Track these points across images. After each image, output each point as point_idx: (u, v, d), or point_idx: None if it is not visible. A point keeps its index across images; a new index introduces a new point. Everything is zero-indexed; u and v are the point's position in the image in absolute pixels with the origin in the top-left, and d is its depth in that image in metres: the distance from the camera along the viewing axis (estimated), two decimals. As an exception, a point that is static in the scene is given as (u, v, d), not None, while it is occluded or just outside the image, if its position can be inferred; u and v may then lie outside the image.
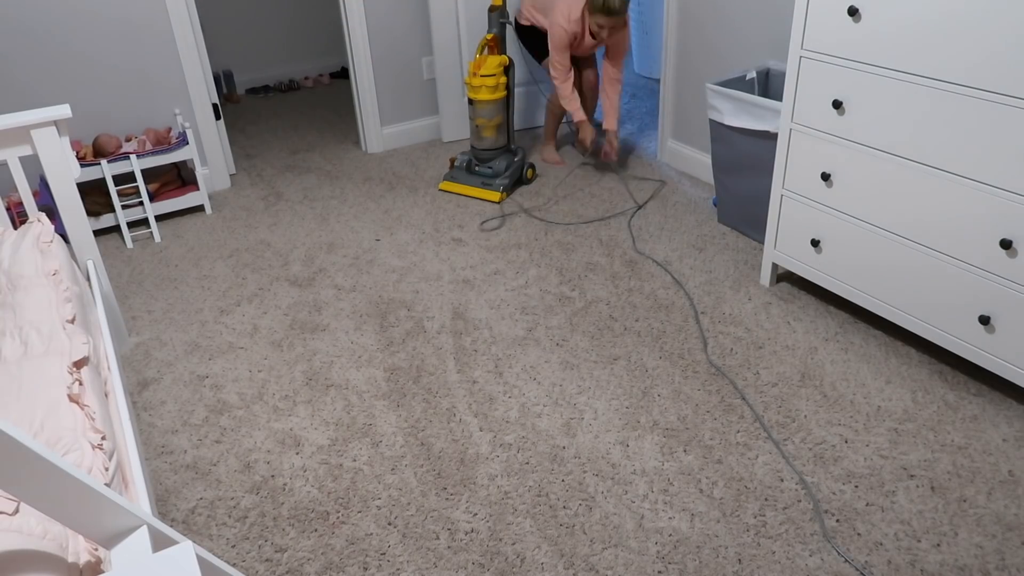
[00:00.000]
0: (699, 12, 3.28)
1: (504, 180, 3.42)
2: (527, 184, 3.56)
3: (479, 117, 3.42)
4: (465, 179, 3.50)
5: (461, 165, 3.53)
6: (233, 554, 1.74)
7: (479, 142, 3.48)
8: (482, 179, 3.46)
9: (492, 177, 3.45)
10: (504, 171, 3.44)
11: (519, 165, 3.51)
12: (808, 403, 2.10)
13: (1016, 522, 1.71)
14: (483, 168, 3.47)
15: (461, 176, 3.52)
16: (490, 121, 3.42)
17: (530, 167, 3.56)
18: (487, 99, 3.38)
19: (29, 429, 1.33)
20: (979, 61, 1.80)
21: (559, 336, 2.45)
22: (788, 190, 2.43)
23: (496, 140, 3.47)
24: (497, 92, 3.39)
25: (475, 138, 3.50)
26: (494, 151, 3.48)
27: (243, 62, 5.27)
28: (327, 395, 2.24)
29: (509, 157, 3.50)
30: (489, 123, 3.43)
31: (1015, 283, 1.88)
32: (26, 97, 3.16)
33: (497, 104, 3.41)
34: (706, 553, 1.68)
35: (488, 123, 3.43)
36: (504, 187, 3.41)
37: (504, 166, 3.45)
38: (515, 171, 3.48)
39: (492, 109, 3.41)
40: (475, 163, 3.49)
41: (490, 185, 3.43)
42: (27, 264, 1.91)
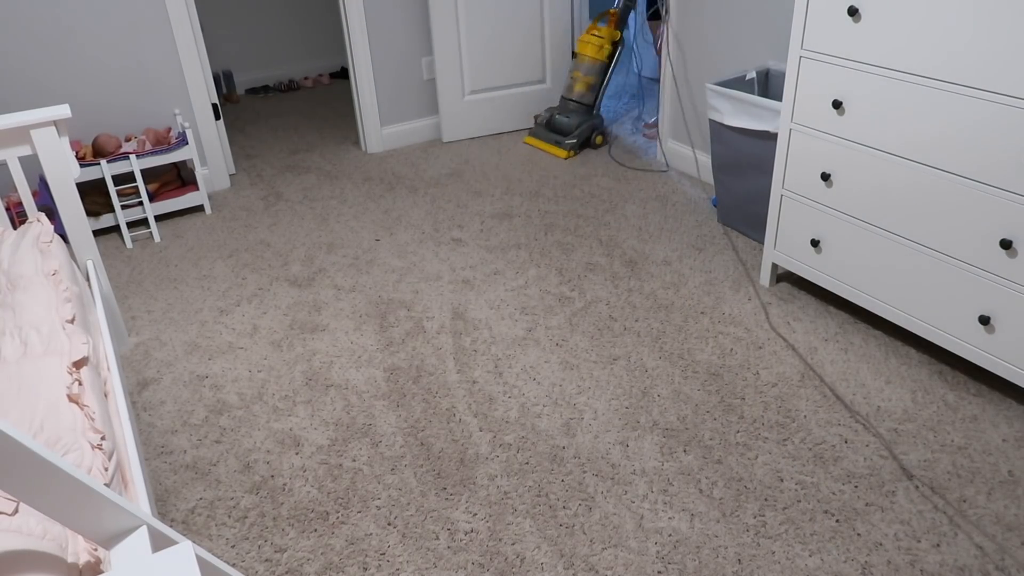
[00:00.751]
0: (699, 12, 3.28)
1: (573, 140, 3.77)
2: (594, 149, 3.89)
3: (576, 70, 3.80)
4: (543, 135, 3.91)
5: (542, 122, 3.91)
6: (233, 554, 1.74)
7: (568, 92, 3.84)
8: (555, 136, 3.82)
9: (564, 135, 3.80)
10: (575, 130, 3.77)
11: (590, 128, 3.81)
12: (808, 403, 2.10)
13: (1016, 522, 1.71)
14: (560, 118, 3.80)
15: (541, 132, 3.92)
16: (584, 77, 3.78)
17: (600, 134, 3.86)
18: (589, 55, 3.74)
19: (29, 429, 1.33)
20: (979, 61, 1.80)
21: (559, 336, 2.45)
22: (788, 190, 2.44)
23: (582, 96, 3.81)
24: (600, 52, 3.74)
25: (566, 89, 3.86)
26: (577, 105, 3.83)
27: (243, 62, 5.27)
28: (327, 395, 2.24)
29: (586, 117, 3.81)
30: (583, 78, 3.79)
31: (1015, 283, 1.88)
32: (26, 97, 3.16)
33: (596, 64, 3.76)
34: (706, 553, 1.68)
35: (582, 78, 3.79)
36: (572, 147, 3.77)
37: (577, 123, 3.77)
38: (584, 132, 3.80)
39: (589, 66, 3.76)
40: (556, 112, 3.84)
41: (560, 143, 3.81)
42: (27, 264, 1.91)
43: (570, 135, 3.76)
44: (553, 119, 3.86)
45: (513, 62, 4.05)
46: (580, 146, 3.81)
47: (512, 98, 4.15)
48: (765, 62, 3.00)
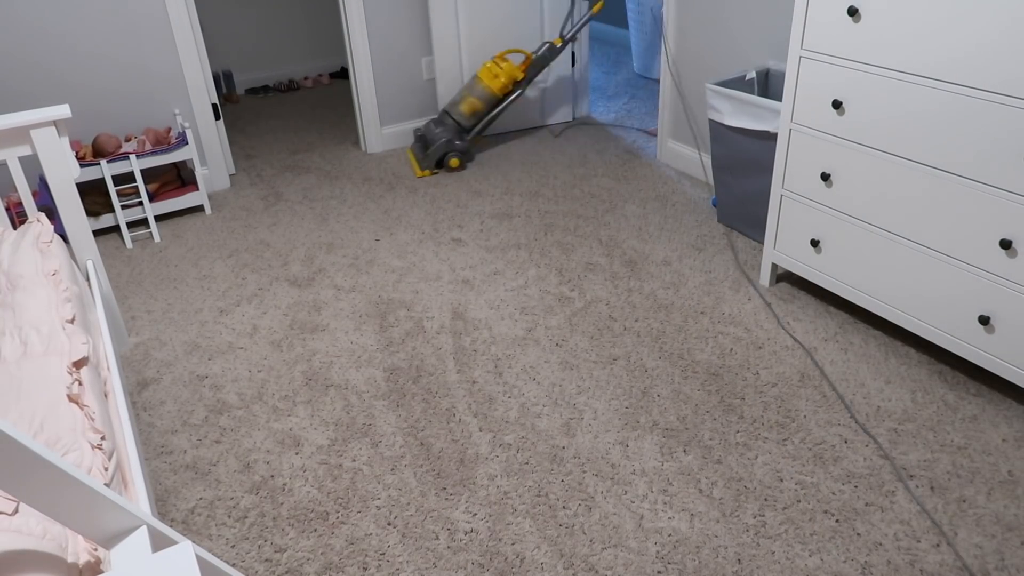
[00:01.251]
0: (699, 12, 3.28)
1: (428, 160, 3.70)
2: (449, 171, 3.75)
3: (468, 90, 3.70)
4: (415, 148, 3.90)
5: (419, 134, 3.88)
6: (232, 554, 1.74)
7: (451, 106, 3.73)
8: (420, 153, 3.78)
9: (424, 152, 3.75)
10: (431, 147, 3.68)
11: (446, 147, 3.68)
12: (808, 403, 2.10)
13: (1016, 522, 1.71)
14: (432, 129, 3.72)
15: (415, 144, 3.91)
16: (473, 100, 3.68)
17: (455, 157, 3.70)
18: (485, 82, 3.65)
19: (28, 429, 1.33)
20: (979, 61, 1.80)
21: (559, 336, 2.45)
22: (788, 190, 2.44)
23: (463, 117, 3.71)
24: (495, 82, 3.64)
25: (451, 103, 3.74)
26: (454, 123, 3.72)
27: (243, 62, 5.27)
28: (327, 395, 2.24)
29: (452, 137, 3.68)
30: (471, 100, 3.68)
31: (1015, 283, 1.88)
32: (25, 97, 3.16)
33: (488, 94, 3.66)
34: (705, 553, 1.68)
35: (470, 99, 3.68)
36: (427, 166, 3.70)
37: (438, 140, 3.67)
38: (439, 151, 3.68)
39: (482, 92, 3.66)
40: (432, 122, 3.76)
41: (420, 161, 3.75)
42: (27, 264, 1.91)
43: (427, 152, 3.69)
44: (427, 128, 3.77)
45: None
46: (437, 164, 3.71)
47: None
48: (765, 62, 3.00)
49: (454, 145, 3.67)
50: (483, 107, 3.68)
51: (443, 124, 3.71)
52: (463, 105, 3.67)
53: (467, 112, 3.67)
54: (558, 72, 4.18)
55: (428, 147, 3.71)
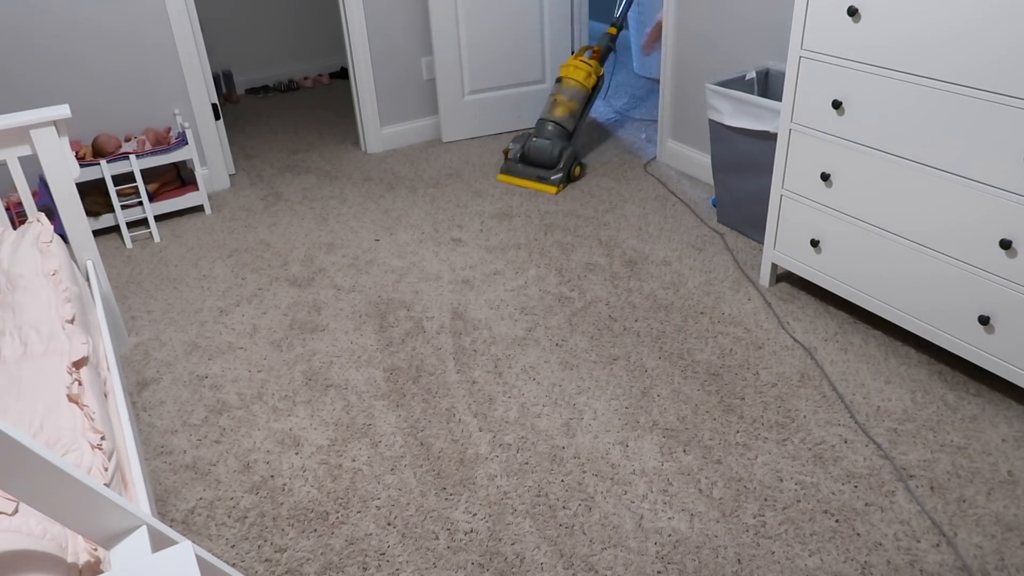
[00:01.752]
0: (699, 12, 3.28)
1: (558, 175, 3.53)
2: (574, 181, 3.61)
3: (559, 94, 3.66)
4: (520, 172, 3.62)
5: (515, 157, 3.63)
6: (232, 554, 1.74)
7: (547, 114, 3.65)
8: (537, 171, 3.56)
9: (547, 166, 3.56)
10: (559, 159, 3.53)
11: (572, 156, 3.56)
12: (807, 403, 2.10)
13: (1015, 522, 1.71)
14: (540, 142, 3.55)
15: (516, 169, 3.63)
16: (567, 102, 3.65)
17: (579, 164, 3.63)
18: (577, 80, 3.65)
19: (28, 429, 1.33)
20: (979, 61, 1.80)
21: (558, 336, 2.45)
22: (788, 190, 2.44)
23: (563, 119, 3.64)
24: (588, 80, 3.66)
25: (546, 111, 3.67)
26: (556, 127, 3.62)
27: (243, 62, 5.27)
28: (326, 395, 2.24)
29: (566, 143, 3.58)
30: (566, 103, 3.65)
31: (1015, 283, 1.88)
32: (25, 97, 3.16)
33: (580, 91, 3.66)
34: (705, 553, 1.68)
35: (565, 102, 3.65)
36: (559, 181, 3.51)
37: (559, 150, 3.53)
38: (568, 160, 3.55)
39: (574, 92, 3.65)
40: (532, 136, 3.60)
41: (545, 179, 3.54)
42: (26, 264, 1.91)
43: (555, 167, 3.52)
44: (530, 144, 3.57)
45: (513, 62, 4.05)
46: (567, 179, 3.55)
47: (512, 98, 4.15)
48: (765, 62, 3.00)
49: (575, 152, 3.59)
50: (577, 105, 3.67)
51: (547, 135, 3.59)
52: (558, 110, 3.63)
53: (565, 115, 3.64)
54: (557, 72, 4.18)
55: (549, 164, 3.53)
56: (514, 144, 3.65)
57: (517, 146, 3.64)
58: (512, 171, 3.62)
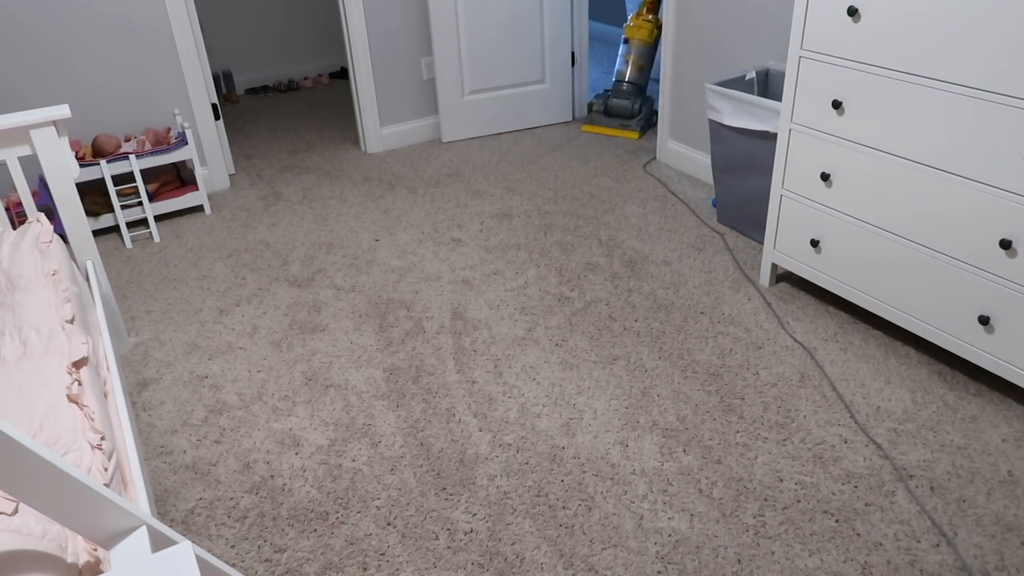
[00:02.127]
0: (699, 12, 3.28)
1: (640, 121, 4.03)
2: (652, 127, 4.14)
3: (628, 54, 4.07)
4: (604, 121, 4.11)
5: (599, 109, 4.11)
6: (232, 554, 1.74)
7: (621, 76, 4.09)
8: (619, 121, 4.06)
9: (627, 117, 4.05)
10: (640, 109, 4.03)
11: (650, 108, 4.10)
12: (807, 403, 2.10)
13: (1015, 522, 1.71)
14: (619, 101, 4.04)
15: (599, 119, 4.12)
16: (636, 60, 4.05)
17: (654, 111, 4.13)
18: (640, 39, 4.02)
19: (28, 429, 1.33)
20: (979, 61, 1.80)
21: (558, 336, 2.45)
22: (788, 190, 2.44)
23: (636, 78, 4.06)
24: (651, 36, 4.02)
25: (619, 73, 4.10)
26: (631, 86, 4.07)
27: (242, 62, 5.27)
28: (326, 395, 2.24)
29: (643, 97, 4.08)
30: (635, 61, 4.05)
31: (1015, 283, 1.88)
32: (25, 97, 3.16)
33: (645, 47, 4.04)
34: (705, 553, 1.68)
35: (634, 61, 4.06)
36: (640, 127, 4.03)
37: (639, 103, 4.03)
38: (647, 111, 4.07)
39: (640, 50, 4.05)
40: (611, 96, 4.07)
41: (627, 126, 4.05)
42: (26, 264, 1.91)
43: (636, 116, 4.02)
44: (610, 103, 4.05)
45: (513, 62, 4.05)
46: (646, 126, 4.07)
47: (512, 98, 4.15)
48: (765, 62, 3.00)
49: (652, 104, 4.12)
50: (645, 61, 4.05)
51: (624, 92, 4.04)
52: (632, 69, 4.04)
53: (636, 72, 4.05)
54: (557, 72, 4.18)
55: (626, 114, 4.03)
56: (598, 100, 4.14)
57: (601, 101, 4.12)
58: (596, 121, 4.13)
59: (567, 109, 4.32)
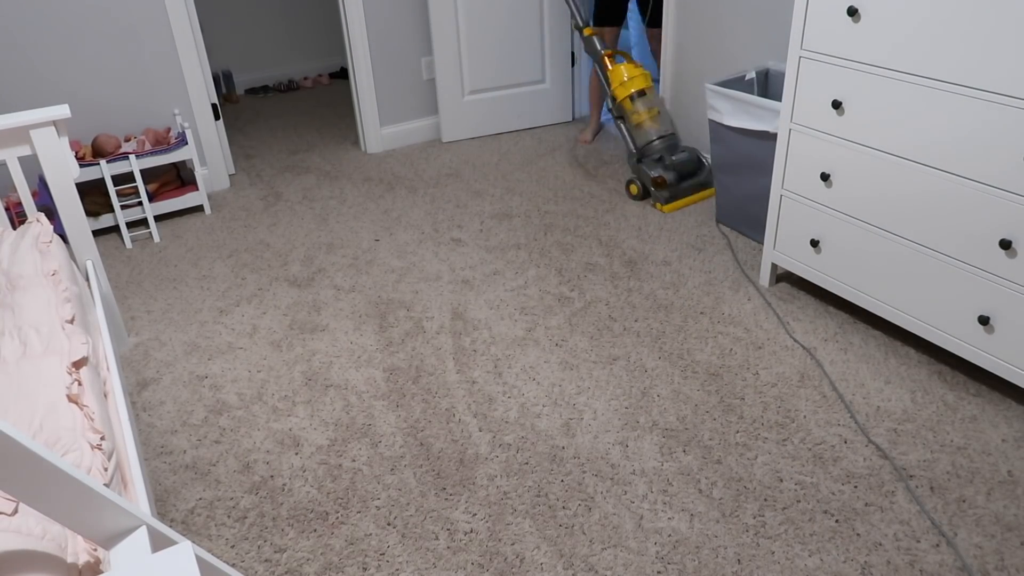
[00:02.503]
0: (699, 12, 3.28)
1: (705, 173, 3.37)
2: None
3: (637, 112, 3.35)
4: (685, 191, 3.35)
5: (673, 180, 3.30)
6: (232, 554, 1.74)
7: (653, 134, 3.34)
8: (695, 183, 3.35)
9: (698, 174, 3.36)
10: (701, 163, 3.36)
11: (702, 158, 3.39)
12: (807, 403, 2.10)
13: (1015, 522, 1.71)
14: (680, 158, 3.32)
15: (679, 190, 3.34)
16: (650, 111, 3.37)
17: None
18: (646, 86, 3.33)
19: (28, 429, 1.33)
20: (979, 61, 1.80)
21: (558, 336, 2.45)
22: (787, 190, 2.44)
23: (664, 128, 3.38)
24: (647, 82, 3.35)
25: (643, 134, 3.36)
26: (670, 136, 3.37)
27: (242, 62, 5.27)
28: (326, 395, 2.24)
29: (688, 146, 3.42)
30: (650, 112, 3.37)
31: (1015, 283, 1.88)
32: (25, 97, 3.16)
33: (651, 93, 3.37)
34: (705, 553, 1.68)
35: (649, 113, 3.36)
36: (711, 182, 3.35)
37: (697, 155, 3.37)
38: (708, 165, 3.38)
39: (650, 98, 3.38)
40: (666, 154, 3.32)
41: (705, 184, 3.38)
42: (26, 264, 1.91)
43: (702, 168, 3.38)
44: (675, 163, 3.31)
45: (513, 62, 4.05)
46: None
47: (512, 98, 4.15)
48: (765, 62, 3.00)
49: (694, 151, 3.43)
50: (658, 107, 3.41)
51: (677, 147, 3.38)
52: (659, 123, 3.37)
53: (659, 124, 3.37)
54: (557, 72, 4.18)
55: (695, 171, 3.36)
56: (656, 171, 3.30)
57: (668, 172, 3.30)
58: (679, 194, 3.34)
59: (567, 109, 4.32)
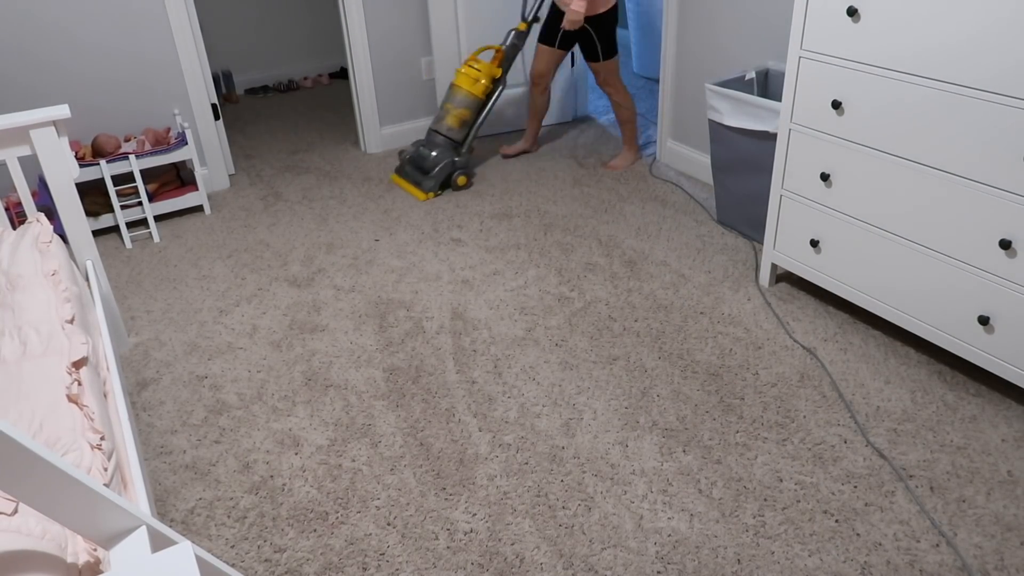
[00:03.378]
0: (699, 12, 3.28)
1: (431, 181, 3.44)
2: (456, 190, 3.52)
3: (448, 102, 3.50)
4: (406, 172, 3.58)
5: (407, 157, 3.56)
6: (232, 554, 1.74)
7: (437, 124, 3.51)
8: (416, 175, 3.50)
9: (425, 173, 3.47)
10: (434, 168, 3.44)
11: (450, 167, 3.46)
12: (807, 403, 2.10)
13: (1015, 522, 1.71)
14: (424, 151, 3.47)
15: (405, 169, 3.59)
16: (456, 110, 3.47)
17: (464, 175, 3.50)
18: (464, 88, 3.46)
19: (28, 429, 1.33)
20: (979, 61, 1.80)
21: (558, 336, 2.45)
22: (787, 190, 2.44)
23: (451, 130, 3.48)
24: (476, 87, 3.46)
25: (435, 120, 3.53)
26: (444, 139, 3.49)
27: (242, 62, 5.27)
28: (326, 395, 2.24)
29: (450, 155, 3.46)
30: (455, 111, 3.47)
31: (1014, 283, 1.88)
32: (25, 97, 3.16)
33: (470, 99, 3.47)
34: (705, 553, 1.68)
35: (453, 111, 3.47)
36: (431, 188, 3.44)
37: (438, 161, 3.43)
38: (444, 171, 3.45)
39: (463, 100, 3.47)
40: (421, 144, 3.50)
41: (420, 184, 3.48)
42: (26, 264, 1.91)
43: (428, 174, 3.44)
44: (417, 152, 3.51)
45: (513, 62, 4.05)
46: (441, 186, 3.47)
47: (511, 98, 4.15)
48: (765, 62, 3.00)
49: (455, 163, 3.47)
50: (470, 115, 3.49)
51: (435, 144, 3.49)
52: (449, 119, 3.48)
53: (456, 125, 3.49)
54: (557, 72, 4.18)
55: (425, 170, 3.46)
56: (411, 146, 3.58)
57: (412, 148, 3.56)
58: (400, 172, 3.61)
59: (567, 109, 4.32)
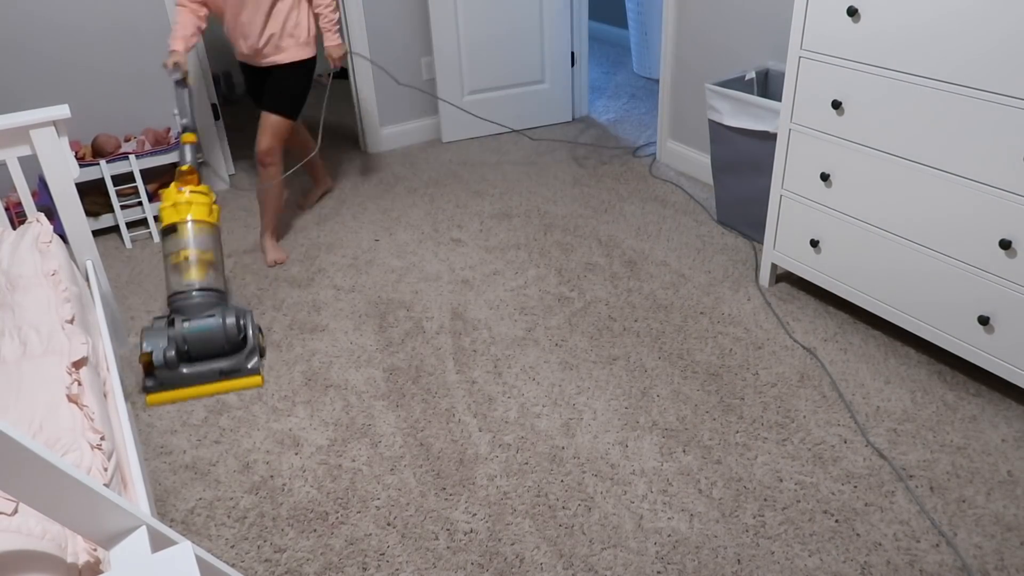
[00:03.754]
0: (698, 12, 3.28)
1: (254, 359, 2.33)
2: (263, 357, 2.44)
3: (182, 249, 2.40)
4: (186, 379, 2.26)
5: (167, 362, 2.23)
6: (232, 554, 1.74)
7: (181, 284, 2.37)
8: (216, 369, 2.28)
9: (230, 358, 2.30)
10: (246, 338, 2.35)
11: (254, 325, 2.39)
12: (807, 403, 2.10)
13: (1015, 522, 1.71)
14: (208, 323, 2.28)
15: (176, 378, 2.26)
16: (203, 254, 2.43)
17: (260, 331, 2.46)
18: (204, 220, 2.46)
19: (28, 429, 1.33)
20: (978, 61, 1.80)
21: (558, 336, 2.45)
22: (787, 190, 2.44)
23: (210, 281, 2.41)
24: (211, 215, 2.50)
25: (176, 281, 2.38)
26: (209, 294, 2.38)
27: (242, 62, 5.25)
28: (326, 395, 2.24)
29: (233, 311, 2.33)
30: (200, 256, 2.42)
31: (1014, 283, 1.88)
32: (25, 97, 3.16)
33: (210, 234, 2.48)
34: (705, 553, 1.68)
35: (200, 256, 2.41)
36: (259, 366, 2.33)
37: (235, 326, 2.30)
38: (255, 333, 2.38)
39: (204, 238, 2.45)
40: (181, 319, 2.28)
41: (240, 371, 2.30)
42: (26, 264, 1.91)
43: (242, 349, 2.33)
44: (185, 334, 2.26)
45: (513, 62, 4.05)
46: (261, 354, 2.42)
47: (512, 98, 4.15)
48: (765, 62, 3.00)
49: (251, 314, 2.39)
50: (215, 255, 2.48)
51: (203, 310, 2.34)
52: (195, 271, 2.39)
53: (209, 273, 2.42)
54: (557, 72, 4.18)
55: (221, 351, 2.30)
56: (149, 343, 2.25)
57: (159, 344, 2.25)
58: (170, 383, 2.25)
59: (567, 109, 4.32)
